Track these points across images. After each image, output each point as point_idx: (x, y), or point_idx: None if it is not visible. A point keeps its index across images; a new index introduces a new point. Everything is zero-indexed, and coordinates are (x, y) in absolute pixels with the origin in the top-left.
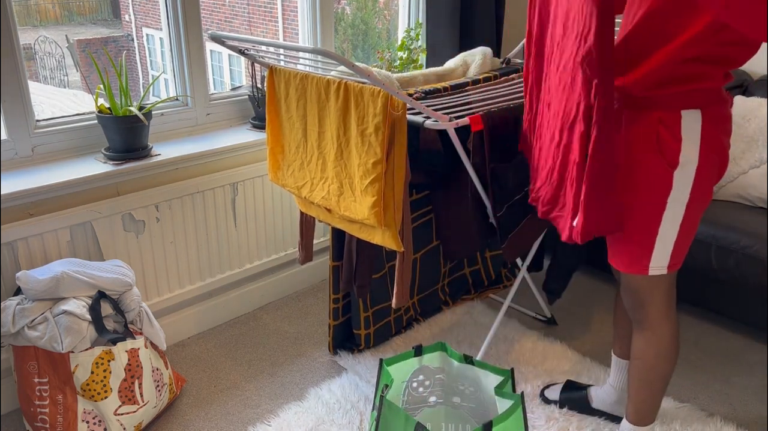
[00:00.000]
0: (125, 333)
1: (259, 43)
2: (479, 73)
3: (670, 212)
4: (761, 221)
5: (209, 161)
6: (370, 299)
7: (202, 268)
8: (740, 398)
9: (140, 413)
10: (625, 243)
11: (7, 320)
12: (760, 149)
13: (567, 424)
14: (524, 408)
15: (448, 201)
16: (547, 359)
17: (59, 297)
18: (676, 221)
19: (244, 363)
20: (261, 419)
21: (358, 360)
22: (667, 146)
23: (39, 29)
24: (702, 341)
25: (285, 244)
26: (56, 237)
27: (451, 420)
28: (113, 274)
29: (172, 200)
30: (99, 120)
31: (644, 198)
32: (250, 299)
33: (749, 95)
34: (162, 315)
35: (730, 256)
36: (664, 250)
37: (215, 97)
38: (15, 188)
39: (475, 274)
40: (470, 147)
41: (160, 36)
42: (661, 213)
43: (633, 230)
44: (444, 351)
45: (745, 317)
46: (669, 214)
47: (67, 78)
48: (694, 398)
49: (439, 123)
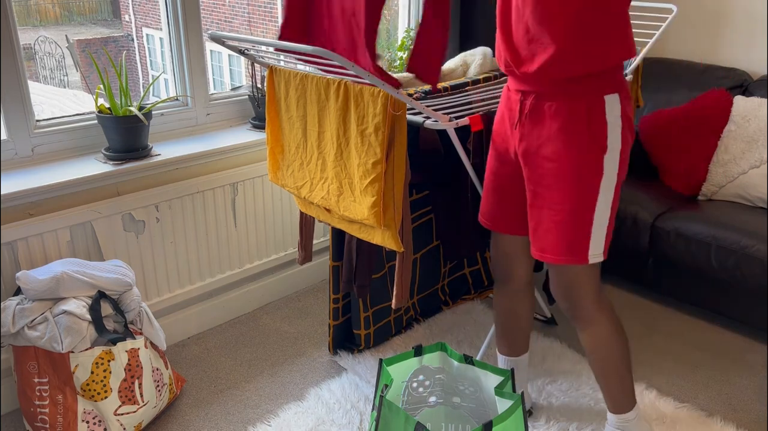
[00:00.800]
0: (125, 333)
1: (259, 43)
2: (479, 73)
3: (602, 197)
4: (761, 221)
5: (209, 161)
6: (370, 299)
7: (202, 268)
8: (740, 398)
9: (140, 413)
10: (562, 234)
11: (7, 320)
12: (760, 149)
13: (567, 424)
14: (524, 407)
15: (448, 201)
16: (547, 359)
17: (59, 297)
18: (608, 205)
19: (244, 363)
20: (261, 419)
21: (358, 360)
22: (596, 133)
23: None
24: (702, 341)
25: (285, 244)
26: (56, 237)
27: (451, 420)
28: (113, 274)
29: (172, 200)
30: (99, 120)
31: (578, 187)
32: (250, 299)
33: (749, 95)
34: (162, 315)
35: (730, 256)
36: (600, 236)
37: (215, 97)
38: (15, 188)
39: (475, 274)
40: (470, 147)
41: (160, 36)
42: (596, 199)
43: (568, 220)
44: (444, 351)
45: (745, 317)
46: (602, 199)
47: (67, 78)
48: (694, 398)
49: (439, 123)
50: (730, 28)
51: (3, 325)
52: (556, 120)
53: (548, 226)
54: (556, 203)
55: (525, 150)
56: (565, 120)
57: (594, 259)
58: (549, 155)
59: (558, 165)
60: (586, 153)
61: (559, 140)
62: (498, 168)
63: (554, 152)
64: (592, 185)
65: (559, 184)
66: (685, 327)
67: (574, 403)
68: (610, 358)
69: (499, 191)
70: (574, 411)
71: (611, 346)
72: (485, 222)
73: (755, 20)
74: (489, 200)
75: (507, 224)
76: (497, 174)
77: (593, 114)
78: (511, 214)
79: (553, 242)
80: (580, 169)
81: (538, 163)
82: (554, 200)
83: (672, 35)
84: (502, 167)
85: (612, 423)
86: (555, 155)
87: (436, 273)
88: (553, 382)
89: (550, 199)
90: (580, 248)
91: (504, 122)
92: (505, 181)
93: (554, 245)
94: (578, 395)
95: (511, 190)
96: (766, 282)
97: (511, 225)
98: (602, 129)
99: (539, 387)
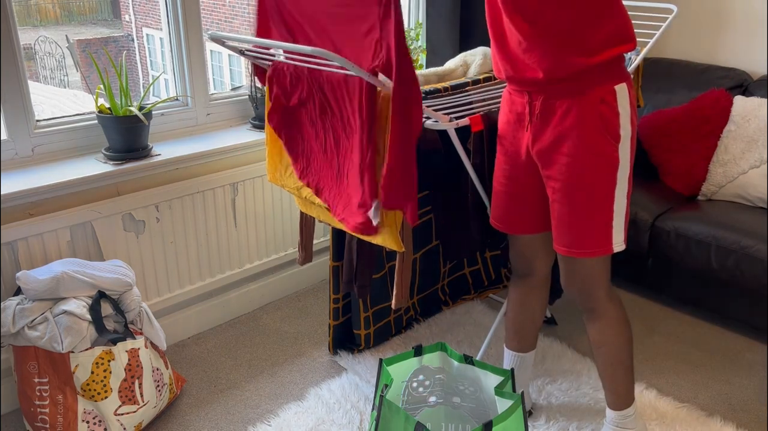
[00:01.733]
0: (125, 333)
1: (259, 43)
2: (479, 73)
3: (620, 186)
4: (761, 221)
5: (209, 161)
6: (371, 299)
7: (202, 268)
8: (740, 398)
9: (140, 413)
10: (586, 228)
11: (7, 320)
12: (760, 149)
13: (567, 424)
14: (524, 407)
15: (448, 201)
16: (547, 359)
17: (59, 297)
18: (624, 193)
19: (244, 363)
20: (261, 419)
21: (358, 360)
22: (610, 123)
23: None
24: (702, 341)
25: (285, 244)
26: (56, 237)
27: (451, 420)
28: (113, 274)
29: (172, 200)
30: (99, 120)
31: (597, 180)
32: (250, 299)
33: (749, 95)
34: (162, 315)
35: (730, 256)
36: (620, 224)
37: (215, 97)
38: (15, 188)
39: (475, 274)
40: (470, 147)
41: (160, 36)
42: (614, 189)
43: (590, 213)
44: (444, 351)
45: (745, 317)
46: (619, 188)
47: (67, 78)
48: (694, 398)
49: (440, 123)
50: (730, 28)
51: (3, 325)
52: (569, 116)
53: (571, 221)
54: (576, 197)
55: (540, 149)
56: (579, 115)
57: (617, 247)
58: (565, 150)
59: (575, 160)
60: (602, 145)
61: (574, 134)
62: (510, 171)
63: (570, 148)
64: (609, 176)
65: (577, 178)
66: (685, 327)
67: (574, 403)
68: (619, 351)
69: (514, 194)
70: (574, 411)
71: (620, 338)
72: (500, 226)
73: (755, 20)
74: (502, 204)
75: (523, 226)
76: (510, 177)
77: (606, 106)
78: (527, 215)
79: (579, 237)
80: (597, 161)
81: (555, 159)
82: (574, 194)
83: (672, 35)
84: (514, 170)
85: (611, 421)
86: (571, 150)
87: (436, 273)
88: (553, 382)
89: (569, 194)
90: (604, 239)
91: (510, 124)
92: (519, 183)
93: (580, 239)
94: (578, 395)
95: (525, 191)
96: (766, 282)
97: (527, 226)
98: (615, 120)
99: (539, 387)
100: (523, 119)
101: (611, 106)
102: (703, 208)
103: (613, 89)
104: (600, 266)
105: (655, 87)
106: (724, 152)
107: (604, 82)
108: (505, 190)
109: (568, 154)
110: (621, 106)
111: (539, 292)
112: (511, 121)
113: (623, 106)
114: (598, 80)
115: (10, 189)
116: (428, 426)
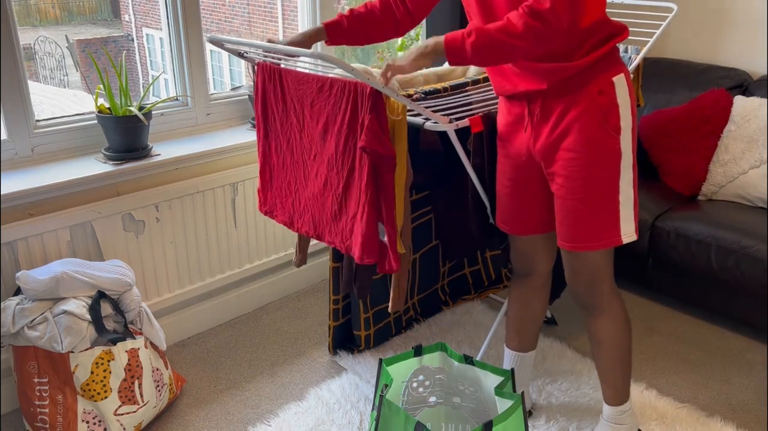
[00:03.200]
0: (125, 333)
1: (258, 46)
2: (479, 73)
3: (624, 177)
4: (761, 221)
5: (209, 161)
6: (370, 300)
7: (202, 268)
8: (740, 398)
9: (140, 413)
10: (593, 221)
11: (7, 320)
12: (760, 149)
13: (567, 424)
14: (524, 407)
15: (448, 201)
16: (547, 359)
17: (59, 297)
18: (630, 183)
19: (244, 363)
20: (261, 419)
21: (358, 360)
22: (609, 115)
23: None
24: (702, 341)
25: (285, 244)
26: (56, 237)
27: (451, 420)
28: (113, 274)
29: (172, 200)
30: (99, 120)
31: (601, 173)
32: (250, 299)
33: (749, 95)
34: (162, 315)
35: (730, 256)
36: (628, 215)
37: (215, 98)
38: (15, 188)
39: (475, 274)
40: (470, 148)
41: (160, 36)
42: (618, 181)
43: (596, 207)
44: (444, 351)
45: (745, 317)
46: (624, 178)
47: (67, 78)
48: (694, 398)
49: (439, 125)
50: (730, 28)
51: (3, 325)
52: (569, 111)
53: (577, 214)
54: (582, 192)
55: (541, 147)
56: (578, 109)
57: (627, 239)
58: (568, 146)
59: (577, 154)
60: (603, 138)
61: (575, 128)
62: (514, 173)
63: (572, 142)
64: (613, 168)
65: (581, 173)
66: (685, 327)
67: (574, 403)
68: (620, 346)
69: (519, 196)
70: (574, 411)
71: (622, 333)
72: (506, 228)
73: (755, 20)
74: (507, 207)
75: (528, 226)
76: (514, 179)
77: (605, 98)
78: (533, 215)
79: (586, 230)
80: (600, 155)
81: (558, 156)
82: (579, 189)
83: (672, 35)
84: (517, 172)
85: (608, 417)
86: (573, 144)
87: (436, 273)
88: (553, 382)
89: (574, 189)
90: (612, 231)
91: (510, 125)
92: (524, 184)
93: (587, 232)
94: (578, 395)
95: (529, 192)
96: (766, 282)
97: (534, 226)
98: (615, 112)
99: (539, 387)
100: (522, 119)
101: (610, 97)
102: (703, 208)
103: (611, 80)
104: (605, 260)
105: (655, 87)
106: (724, 152)
107: (601, 75)
108: (509, 192)
109: (570, 149)
110: (620, 96)
111: (540, 292)
112: (510, 122)
113: (622, 96)
114: (594, 74)
115: (10, 189)
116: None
